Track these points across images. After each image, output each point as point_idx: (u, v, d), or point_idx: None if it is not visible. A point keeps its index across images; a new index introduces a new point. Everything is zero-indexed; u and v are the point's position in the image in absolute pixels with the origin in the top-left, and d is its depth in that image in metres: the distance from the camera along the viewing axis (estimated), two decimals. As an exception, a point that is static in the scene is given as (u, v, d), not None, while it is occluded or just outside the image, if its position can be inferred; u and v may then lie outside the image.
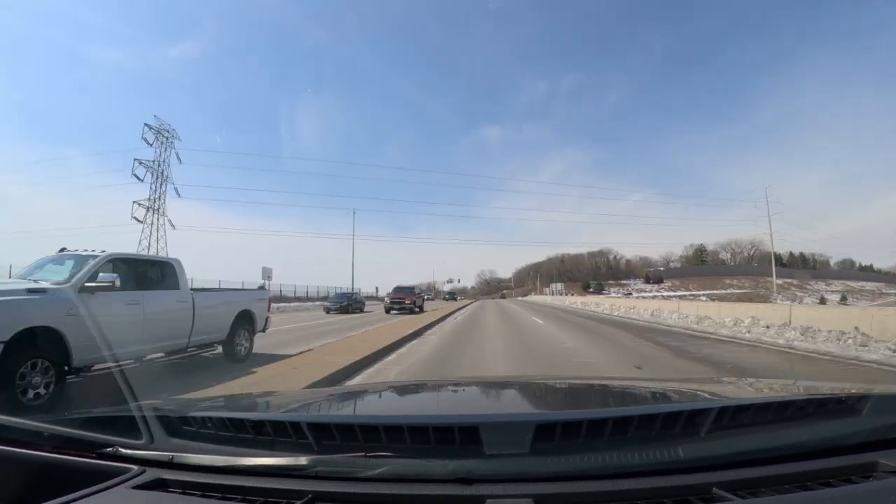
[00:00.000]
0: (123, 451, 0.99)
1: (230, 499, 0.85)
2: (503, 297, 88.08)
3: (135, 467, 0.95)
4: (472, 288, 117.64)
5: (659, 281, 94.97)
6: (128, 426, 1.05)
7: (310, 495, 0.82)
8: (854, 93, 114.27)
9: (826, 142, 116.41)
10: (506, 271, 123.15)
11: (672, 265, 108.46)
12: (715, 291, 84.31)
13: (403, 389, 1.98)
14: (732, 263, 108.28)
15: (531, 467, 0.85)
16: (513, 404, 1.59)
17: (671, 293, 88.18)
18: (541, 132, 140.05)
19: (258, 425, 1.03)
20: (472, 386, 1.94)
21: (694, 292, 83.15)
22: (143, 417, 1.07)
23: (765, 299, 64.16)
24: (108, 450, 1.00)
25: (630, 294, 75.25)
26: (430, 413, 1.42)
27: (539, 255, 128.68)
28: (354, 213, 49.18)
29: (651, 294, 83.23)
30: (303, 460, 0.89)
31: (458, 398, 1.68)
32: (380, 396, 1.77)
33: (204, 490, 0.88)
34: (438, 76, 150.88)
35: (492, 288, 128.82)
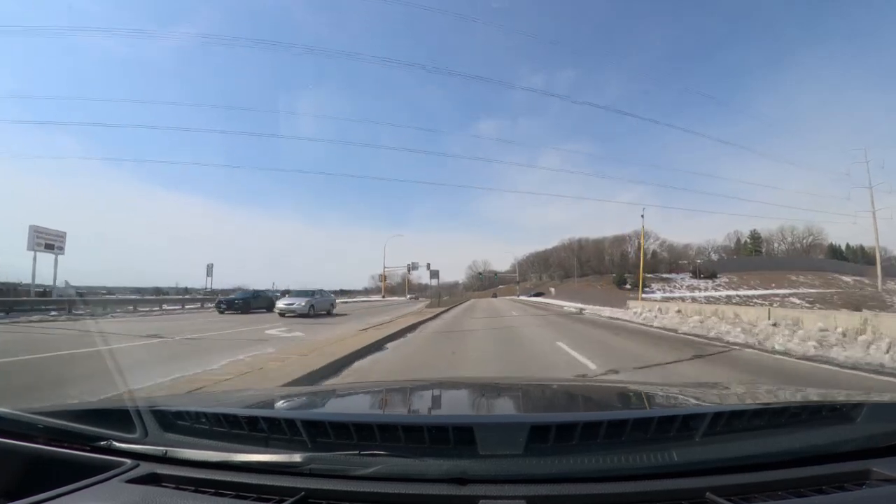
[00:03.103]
0: (117, 444, 0.99)
1: (223, 494, 0.85)
2: (495, 296, 72.02)
3: (128, 461, 0.94)
4: (454, 283, 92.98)
5: (712, 275, 72.43)
6: (122, 420, 1.04)
7: (303, 492, 0.82)
8: (852, 93, 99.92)
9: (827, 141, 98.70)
10: (502, 263, 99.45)
11: (713, 255, 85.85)
12: (797, 291, 60.79)
13: (399, 389, 1.98)
14: (783, 255, 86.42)
15: (525, 468, 0.85)
16: (508, 405, 1.58)
17: (733, 291, 63.77)
18: (538, 125, 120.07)
19: (253, 421, 1.02)
20: (468, 386, 1.92)
21: (774, 291, 59.30)
22: (138, 411, 1.05)
23: (882, 303, 39.98)
24: (102, 443, 0.99)
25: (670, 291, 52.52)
26: (425, 412, 1.42)
27: (544, 242, 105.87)
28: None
29: (724, 293, 59.58)
30: (297, 457, 0.89)
31: (453, 398, 1.68)
32: (375, 395, 1.76)
33: (197, 485, 0.88)
34: (433, 67, 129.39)
35: (485, 283, 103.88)
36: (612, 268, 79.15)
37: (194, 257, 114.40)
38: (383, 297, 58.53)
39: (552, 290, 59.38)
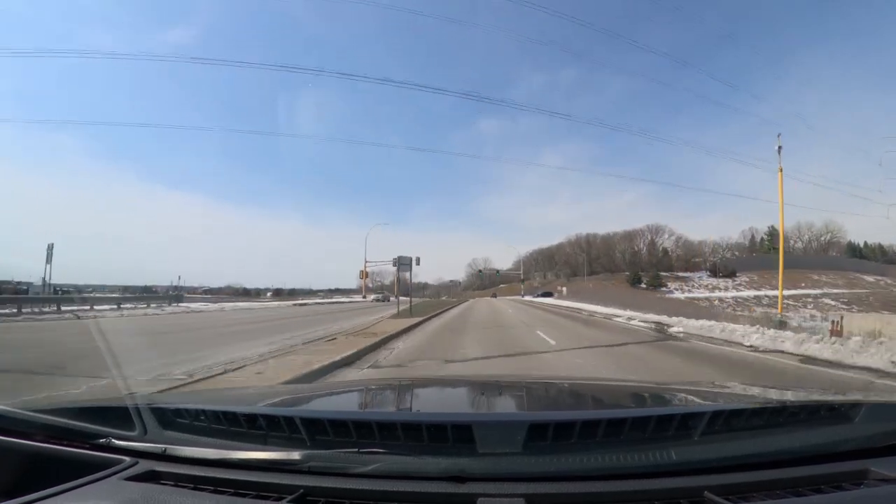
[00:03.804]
0: (116, 442, 0.99)
1: (222, 492, 0.85)
2: (494, 296, 69.21)
3: (127, 459, 0.95)
4: (452, 282, 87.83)
5: (731, 274, 67.64)
6: (121, 417, 1.05)
7: (301, 490, 0.82)
8: (853, 93, 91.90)
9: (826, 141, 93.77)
10: (504, 262, 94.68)
11: (727, 253, 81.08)
12: (826, 291, 55.80)
13: (397, 386, 1.96)
14: (802, 252, 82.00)
15: (523, 467, 0.85)
16: (507, 404, 1.57)
17: (756, 290, 59.15)
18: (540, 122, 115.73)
19: (252, 419, 1.02)
20: (467, 385, 1.91)
21: (805, 291, 54.56)
22: (137, 409, 1.06)
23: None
24: (101, 441, 0.99)
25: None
26: (424, 410, 1.41)
27: (546, 241, 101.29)
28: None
29: (747, 292, 54.76)
30: (295, 455, 0.89)
31: (452, 396, 1.68)
32: (374, 393, 1.75)
33: (196, 483, 0.88)
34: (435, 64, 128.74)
35: (485, 281, 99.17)
36: (624, 266, 74.21)
37: (194, 256, 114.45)
38: (364, 297, 52.49)
39: (563, 289, 51.90)
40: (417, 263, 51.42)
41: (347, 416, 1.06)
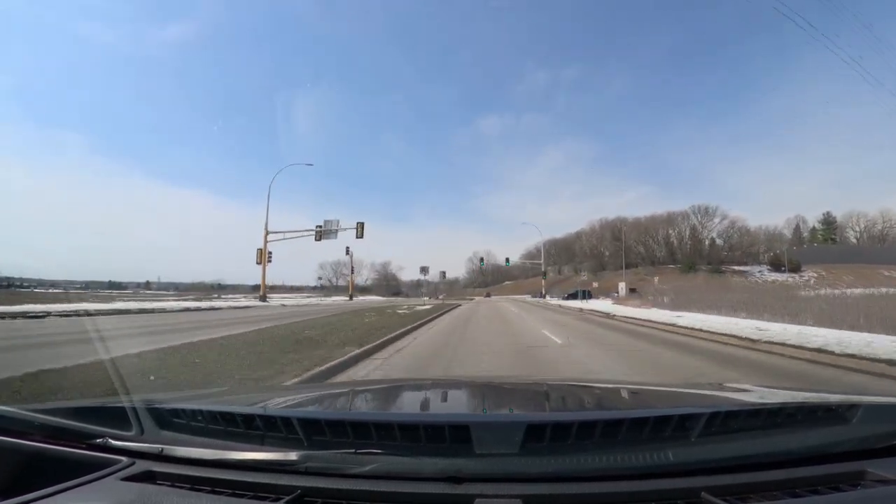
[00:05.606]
0: (113, 442, 0.99)
1: (219, 493, 0.85)
2: (488, 296, 65.24)
3: (124, 459, 0.95)
4: (430, 274, 74.48)
5: (796, 269, 55.67)
6: (118, 417, 1.05)
7: (299, 490, 0.83)
8: (855, 92, 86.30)
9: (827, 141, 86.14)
10: (511, 255, 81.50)
11: (776, 245, 69.20)
12: None
13: (395, 387, 1.95)
14: (855, 243, 70.62)
15: (521, 468, 0.86)
16: (504, 404, 1.57)
17: (830, 288, 45.50)
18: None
19: (249, 419, 1.02)
20: (464, 385, 1.90)
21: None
22: (134, 409, 1.06)
23: None
24: (98, 441, 1.00)
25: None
26: (422, 411, 1.41)
27: (555, 234, 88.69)
28: None
29: (828, 291, 41.46)
30: (293, 456, 0.90)
31: (449, 397, 1.67)
32: (371, 394, 1.75)
33: (193, 483, 0.88)
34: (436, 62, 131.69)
35: (488, 278, 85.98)
36: (663, 257, 61.85)
37: (195, 256, 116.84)
38: (263, 296, 33.92)
39: (619, 286, 35.67)
40: (360, 235, 31.07)
41: (344, 417, 1.07)
